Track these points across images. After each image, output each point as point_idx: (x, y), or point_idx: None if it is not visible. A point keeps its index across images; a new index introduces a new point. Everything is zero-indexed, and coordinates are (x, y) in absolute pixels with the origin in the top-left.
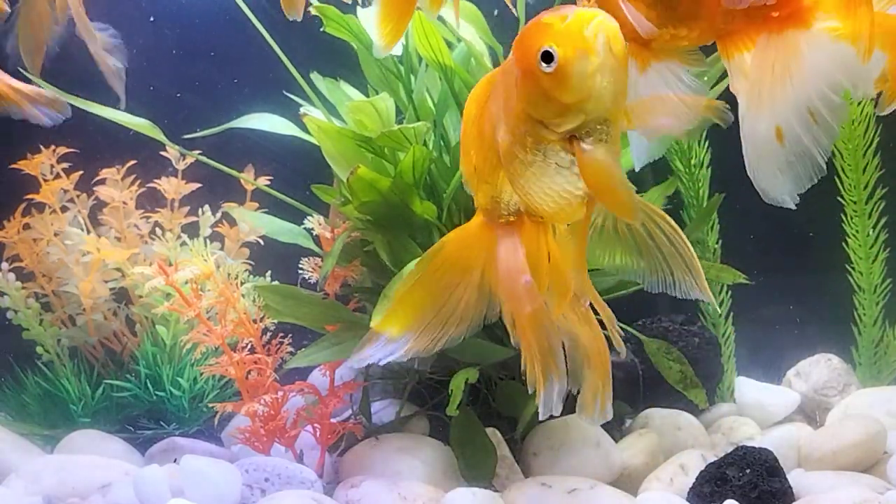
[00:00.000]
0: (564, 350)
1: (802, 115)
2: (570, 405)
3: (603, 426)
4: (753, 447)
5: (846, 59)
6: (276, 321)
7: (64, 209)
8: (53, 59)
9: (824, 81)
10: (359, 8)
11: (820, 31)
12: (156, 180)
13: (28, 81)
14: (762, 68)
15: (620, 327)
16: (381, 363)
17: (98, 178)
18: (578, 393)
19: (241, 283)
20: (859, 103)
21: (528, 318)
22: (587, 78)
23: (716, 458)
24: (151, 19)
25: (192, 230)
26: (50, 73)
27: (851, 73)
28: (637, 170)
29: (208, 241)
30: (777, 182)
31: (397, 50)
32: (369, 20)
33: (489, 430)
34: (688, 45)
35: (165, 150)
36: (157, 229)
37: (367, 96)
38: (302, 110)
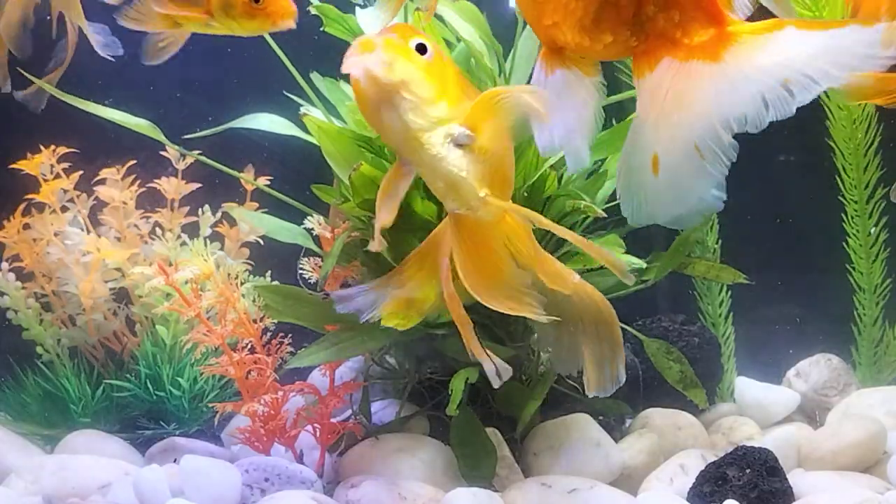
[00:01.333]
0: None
1: (686, 149)
2: (569, 405)
3: (603, 426)
4: (753, 447)
5: (759, 96)
6: (276, 321)
7: (64, 209)
8: (52, 59)
9: (720, 118)
10: (357, 8)
11: (735, 66)
12: (156, 180)
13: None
14: (655, 94)
15: (620, 327)
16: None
17: (98, 178)
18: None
19: (241, 283)
20: (860, 102)
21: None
22: (360, 112)
23: (716, 458)
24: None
25: (192, 230)
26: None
27: (761, 111)
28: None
29: (208, 241)
30: (641, 211)
31: None
32: (367, 21)
33: (489, 430)
34: (599, 58)
35: (165, 150)
36: (157, 229)
37: None
38: (302, 110)
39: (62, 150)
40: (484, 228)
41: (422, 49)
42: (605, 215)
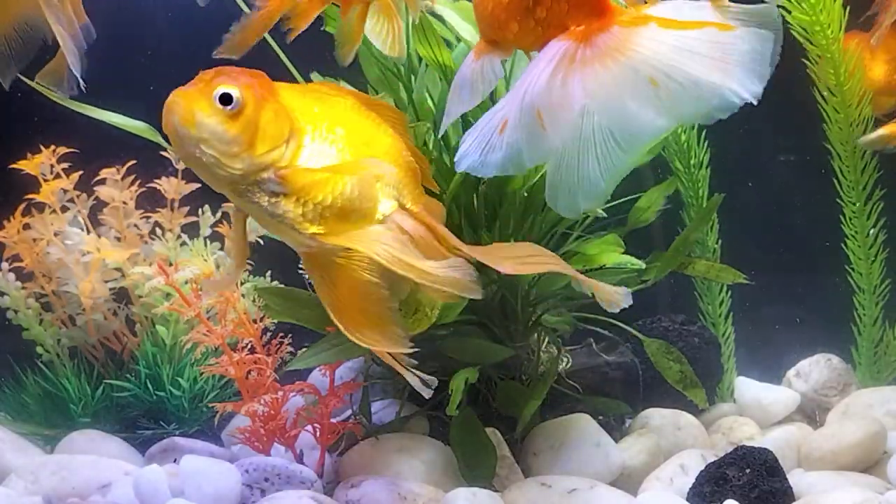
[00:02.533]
0: None
1: (531, 113)
2: (569, 405)
3: (603, 426)
4: (753, 447)
5: (617, 88)
6: (276, 321)
7: (64, 209)
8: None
9: (575, 98)
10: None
11: (603, 54)
12: (156, 180)
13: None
14: (531, 68)
15: (620, 327)
16: None
17: (98, 178)
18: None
19: (241, 283)
20: (858, 104)
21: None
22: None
23: (716, 458)
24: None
25: (192, 230)
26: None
27: (623, 103)
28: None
29: (208, 241)
30: (475, 159)
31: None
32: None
33: (489, 430)
34: (519, 47)
35: (165, 150)
36: (157, 229)
37: None
38: None
39: (62, 150)
40: (336, 261)
41: (226, 99)
42: (605, 215)
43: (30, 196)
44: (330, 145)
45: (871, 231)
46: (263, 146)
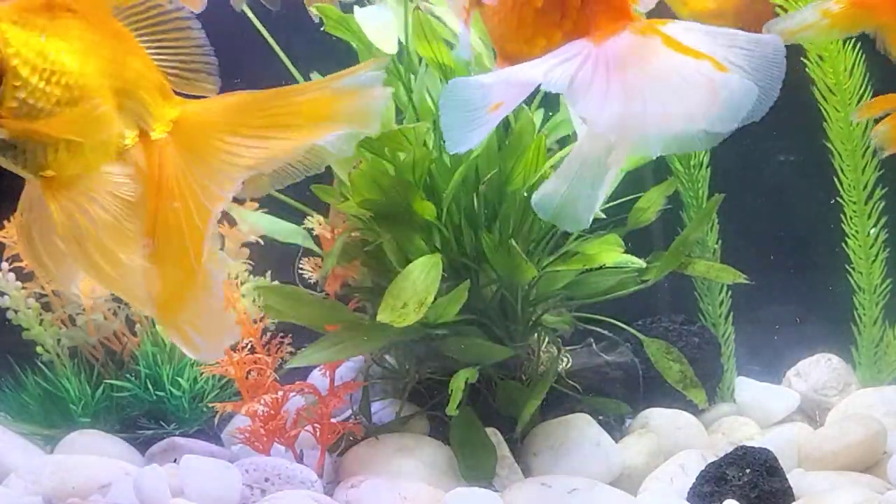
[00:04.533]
0: None
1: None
2: (569, 405)
3: (603, 426)
4: (753, 447)
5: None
6: (276, 321)
7: None
8: None
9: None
10: (356, 8)
11: (604, 56)
12: None
13: None
14: (548, 55)
15: (620, 327)
16: None
17: None
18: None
19: (242, 283)
20: (858, 102)
21: None
22: None
23: (716, 458)
24: None
25: None
26: None
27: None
28: None
29: None
30: (462, 136)
31: (396, 50)
32: (367, 20)
33: (489, 430)
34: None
35: None
36: None
37: None
38: None
39: None
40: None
41: None
42: (604, 216)
43: None
44: (50, 84)
45: (872, 230)
46: None
